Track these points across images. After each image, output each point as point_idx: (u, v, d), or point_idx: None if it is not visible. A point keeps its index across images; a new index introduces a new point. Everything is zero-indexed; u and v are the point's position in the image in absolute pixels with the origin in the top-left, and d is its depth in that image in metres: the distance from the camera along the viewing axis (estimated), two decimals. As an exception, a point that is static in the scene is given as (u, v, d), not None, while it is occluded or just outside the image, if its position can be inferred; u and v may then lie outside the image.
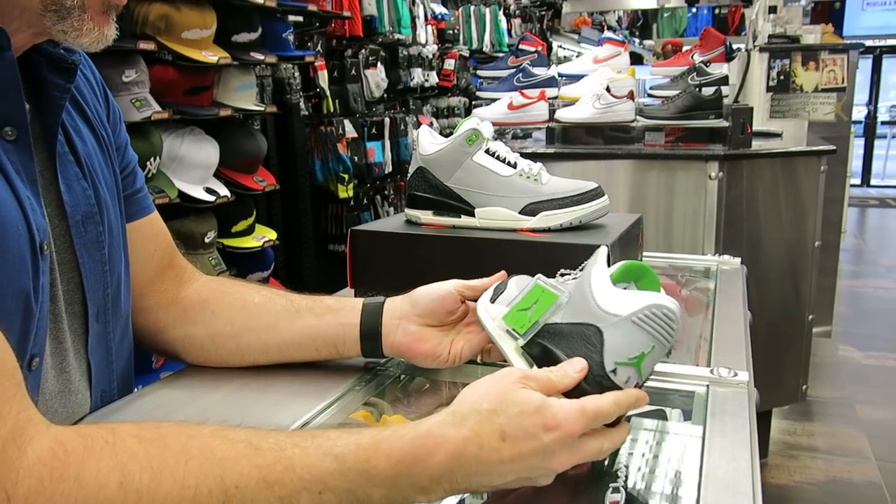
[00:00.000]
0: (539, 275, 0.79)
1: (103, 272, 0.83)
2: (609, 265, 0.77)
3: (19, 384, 0.56)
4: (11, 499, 0.51)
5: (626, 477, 0.80)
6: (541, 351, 0.74)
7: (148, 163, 2.28)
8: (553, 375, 0.68)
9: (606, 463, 0.83)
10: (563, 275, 0.80)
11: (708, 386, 0.88)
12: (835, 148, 2.69)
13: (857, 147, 9.24)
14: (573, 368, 0.68)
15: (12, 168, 0.70)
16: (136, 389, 0.93)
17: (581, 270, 0.78)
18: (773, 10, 3.66)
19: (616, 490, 0.78)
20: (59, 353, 0.79)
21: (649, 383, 0.93)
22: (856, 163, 9.88)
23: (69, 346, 0.80)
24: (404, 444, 0.60)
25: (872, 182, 11.02)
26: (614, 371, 0.68)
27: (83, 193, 0.81)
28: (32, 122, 0.76)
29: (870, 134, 11.20)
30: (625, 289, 0.74)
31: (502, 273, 0.88)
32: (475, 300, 0.86)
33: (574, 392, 0.68)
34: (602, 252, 0.77)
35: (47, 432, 0.55)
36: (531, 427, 0.61)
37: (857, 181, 10.65)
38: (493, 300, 0.82)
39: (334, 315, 0.91)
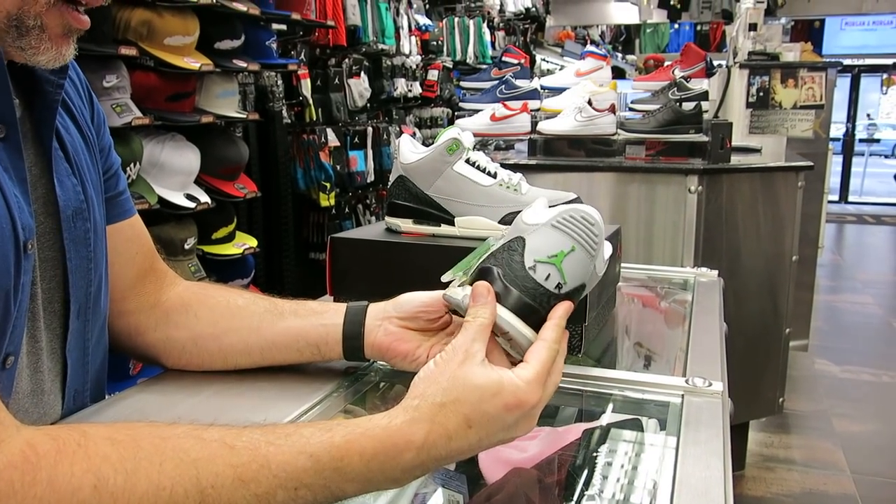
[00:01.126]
0: None
1: (88, 269, 0.83)
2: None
3: None
4: None
5: (602, 485, 0.80)
6: (478, 275, 0.76)
7: (128, 168, 2.26)
8: (479, 318, 0.69)
9: (584, 472, 0.83)
10: None
11: (683, 396, 0.89)
12: (812, 164, 2.72)
13: (835, 164, 9.36)
14: (481, 296, 0.71)
15: (1, 166, 0.69)
16: (107, 396, 0.92)
17: None
18: (753, 27, 3.71)
19: (591, 498, 0.79)
20: (34, 352, 0.78)
21: (626, 392, 0.94)
22: (834, 180, 10.00)
23: (44, 346, 0.80)
24: (375, 445, 0.61)
25: (850, 199, 11.16)
26: (533, 268, 0.72)
27: (73, 189, 0.81)
28: (23, 118, 0.76)
29: (848, 151, 11.36)
30: None
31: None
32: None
33: (505, 299, 0.71)
34: (542, 199, 0.80)
35: (18, 435, 0.54)
36: (494, 410, 0.63)
37: (835, 198, 10.78)
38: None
39: (318, 317, 0.91)
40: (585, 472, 0.84)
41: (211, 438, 0.59)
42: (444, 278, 0.82)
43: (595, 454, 0.87)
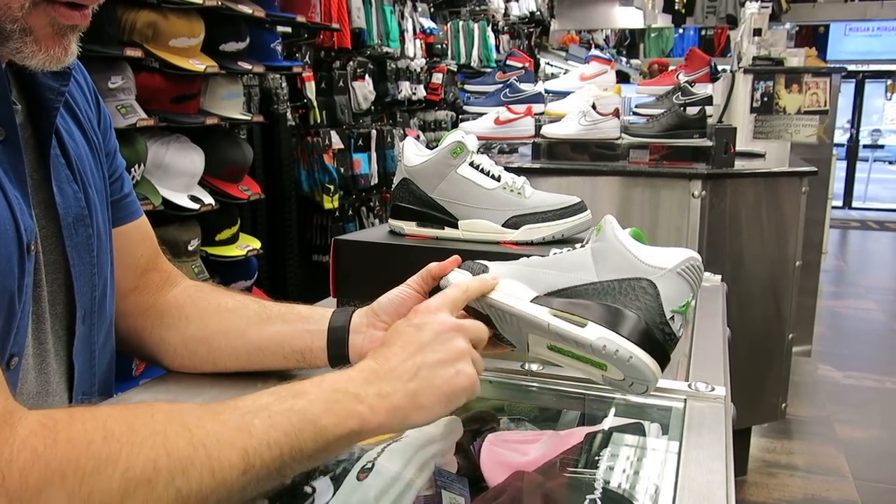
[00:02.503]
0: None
1: (92, 275, 0.83)
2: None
3: (2, 380, 0.58)
4: (6, 477, 0.52)
5: (604, 489, 0.80)
6: (586, 308, 0.77)
7: (132, 170, 2.27)
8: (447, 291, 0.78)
9: (584, 475, 0.83)
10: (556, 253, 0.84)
11: (685, 400, 0.89)
12: (816, 169, 2.72)
13: (839, 170, 9.35)
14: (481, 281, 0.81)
15: (1, 169, 0.70)
16: (114, 396, 0.92)
17: (583, 245, 0.83)
18: (758, 32, 3.71)
19: (593, 502, 0.79)
20: (41, 354, 0.79)
21: (628, 397, 0.94)
22: (838, 185, 10.00)
23: (50, 348, 0.80)
24: (324, 373, 0.70)
25: (854, 204, 11.15)
26: (672, 318, 0.74)
27: (74, 196, 0.81)
28: (24, 123, 0.76)
29: (852, 157, 11.34)
30: None
31: (455, 258, 0.89)
32: (434, 290, 0.87)
33: (647, 344, 0.73)
34: (611, 218, 0.83)
35: (31, 414, 0.58)
36: (399, 326, 0.74)
37: (839, 203, 10.76)
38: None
39: (304, 322, 0.91)
40: (586, 475, 0.83)
41: (188, 405, 0.65)
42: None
43: (597, 458, 0.87)
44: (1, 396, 0.56)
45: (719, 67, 3.44)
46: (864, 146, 12.76)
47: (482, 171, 1.14)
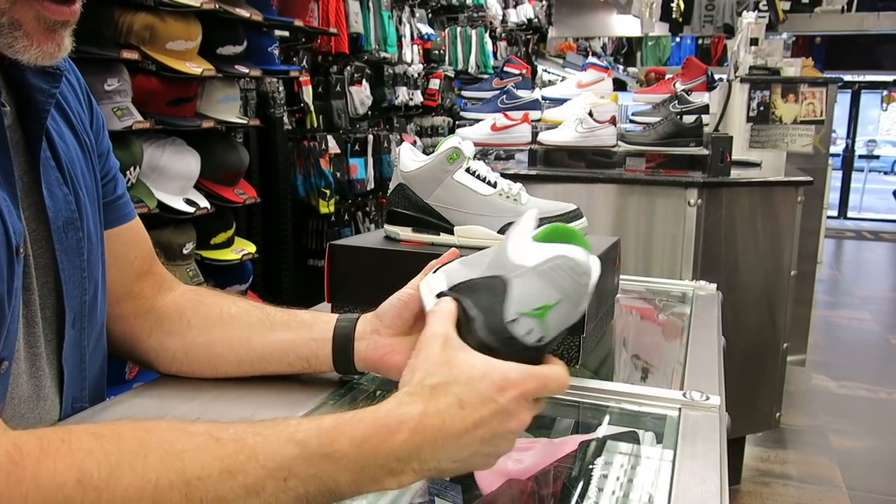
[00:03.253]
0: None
1: (82, 278, 0.83)
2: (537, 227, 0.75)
3: None
4: None
5: (598, 498, 0.80)
6: (461, 311, 0.71)
7: (128, 172, 2.26)
8: (443, 306, 0.70)
9: (580, 484, 0.83)
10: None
11: (680, 409, 0.88)
12: (812, 179, 2.73)
13: (834, 180, 9.38)
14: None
15: None
16: (107, 399, 0.92)
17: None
18: (754, 42, 3.72)
19: (587, 511, 0.78)
20: (32, 357, 0.78)
21: (623, 405, 0.93)
22: (833, 195, 10.02)
23: (42, 352, 0.79)
24: (366, 427, 0.59)
25: (849, 214, 11.18)
26: (515, 320, 0.66)
27: (64, 199, 0.81)
28: (13, 125, 0.75)
29: (847, 167, 11.39)
30: None
31: (453, 251, 0.87)
32: None
33: (474, 342, 0.66)
34: (531, 214, 0.75)
35: (4, 437, 0.54)
36: (485, 391, 0.62)
37: (834, 213, 10.80)
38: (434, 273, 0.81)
39: (308, 329, 0.89)
40: (581, 484, 0.83)
41: (197, 431, 0.58)
42: (431, 282, 0.80)
43: (591, 466, 0.86)
44: None
45: (716, 76, 3.45)
46: (860, 156, 12.80)
47: (478, 177, 1.14)
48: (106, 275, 0.90)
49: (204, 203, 2.60)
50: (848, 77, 10.66)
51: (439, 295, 0.74)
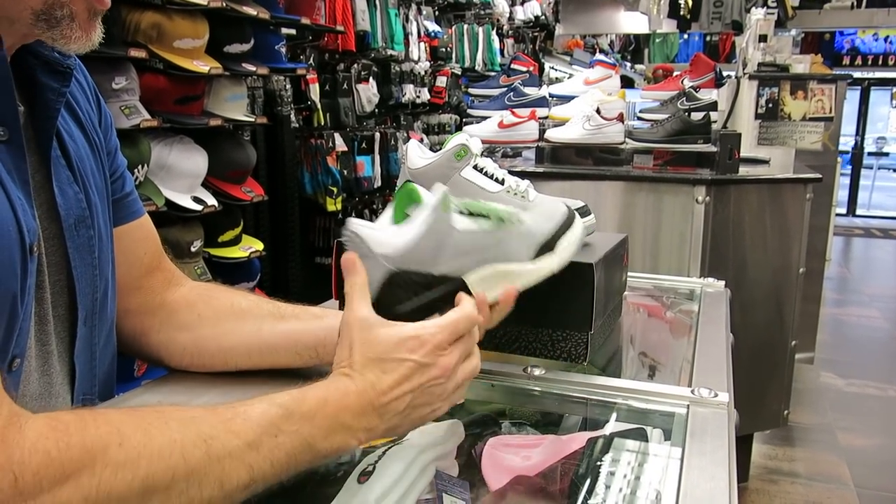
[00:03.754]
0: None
1: (94, 276, 0.83)
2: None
3: (3, 380, 0.58)
4: (18, 478, 0.52)
5: (605, 495, 0.80)
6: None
7: (136, 170, 2.27)
8: (355, 284, 0.76)
9: (587, 481, 0.83)
10: None
11: (688, 406, 0.88)
12: (821, 176, 2.72)
13: (843, 177, 9.34)
14: (349, 268, 0.78)
15: (4, 169, 0.70)
16: (116, 396, 0.92)
17: None
18: (763, 38, 3.71)
19: (594, 508, 0.78)
20: (43, 355, 0.79)
21: (631, 402, 0.93)
22: (842, 192, 9.98)
23: (53, 349, 0.80)
24: (323, 392, 0.69)
25: (858, 212, 11.13)
26: None
27: (75, 197, 0.81)
28: (26, 124, 0.76)
29: (856, 164, 11.33)
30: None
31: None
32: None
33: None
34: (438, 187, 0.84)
35: (36, 416, 0.57)
36: (401, 355, 0.71)
37: (843, 211, 10.75)
38: None
39: (318, 320, 0.92)
40: (589, 481, 0.83)
41: (195, 408, 0.66)
42: None
43: (599, 463, 0.86)
44: (6, 399, 0.56)
45: (724, 73, 3.44)
46: (869, 153, 12.73)
47: (486, 174, 1.14)
48: (115, 272, 0.90)
49: (211, 201, 2.61)
50: (857, 74, 10.61)
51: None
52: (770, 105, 3.41)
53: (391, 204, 0.85)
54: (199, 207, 2.53)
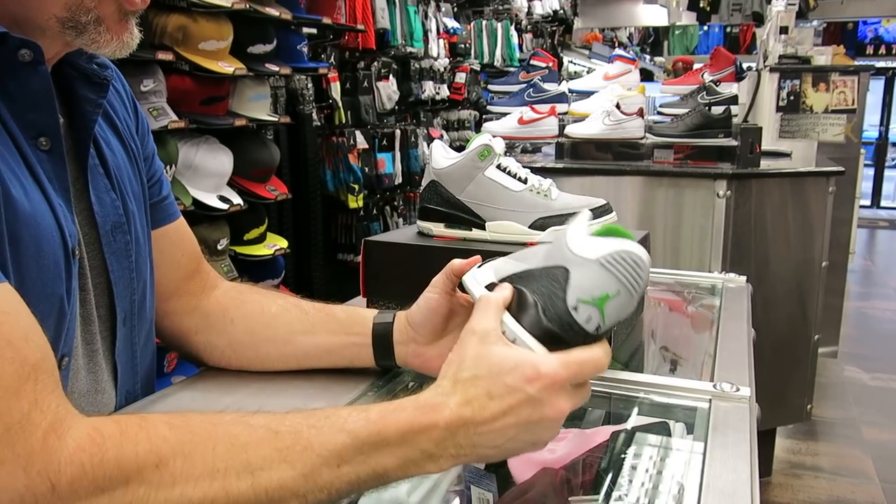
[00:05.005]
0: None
1: (131, 279, 0.86)
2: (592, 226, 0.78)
3: (58, 382, 0.60)
4: (56, 486, 0.54)
5: (628, 488, 0.82)
6: (516, 297, 0.73)
7: (165, 171, 2.31)
8: (492, 299, 0.71)
9: (611, 474, 0.85)
10: None
11: (711, 400, 0.90)
12: (843, 169, 2.70)
13: (867, 168, 9.22)
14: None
15: (46, 177, 0.72)
16: (154, 393, 0.95)
17: None
18: (784, 30, 3.68)
19: (619, 499, 0.80)
20: (89, 353, 0.82)
21: (654, 396, 0.95)
22: (866, 184, 9.86)
23: (98, 348, 0.83)
24: (408, 416, 0.64)
25: (883, 203, 10.99)
26: (576, 308, 0.68)
27: (112, 204, 0.84)
28: (65, 134, 0.79)
29: (881, 155, 11.19)
30: None
31: (476, 258, 0.87)
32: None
33: (537, 330, 0.68)
34: (584, 213, 0.78)
35: (84, 421, 0.58)
36: (513, 382, 0.64)
37: (868, 202, 10.62)
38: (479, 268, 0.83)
39: (347, 333, 0.93)
40: (612, 474, 0.85)
41: (257, 424, 0.63)
42: (475, 274, 0.81)
43: (622, 456, 0.88)
44: (54, 402, 0.58)
45: (745, 65, 3.42)
46: (894, 144, 12.56)
47: (509, 173, 1.16)
48: (154, 274, 0.93)
49: (237, 200, 2.65)
50: (881, 64, 10.48)
51: (489, 286, 0.77)
52: (791, 98, 3.40)
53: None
54: (225, 206, 2.57)
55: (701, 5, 6.89)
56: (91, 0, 0.71)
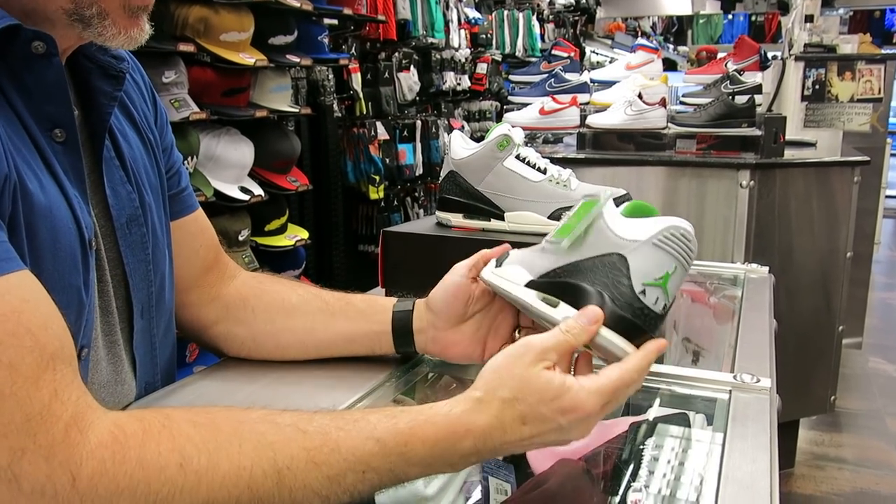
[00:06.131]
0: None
1: (147, 271, 0.87)
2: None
3: (76, 371, 0.60)
4: (76, 479, 0.54)
5: (648, 479, 0.82)
6: (563, 289, 0.74)
7: (186, 162, 2.33)
8: (570, 336, 0.69)
9: (630, 465, 0.84)
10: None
11: (730, 391, 0.89)
12: (868, 159, 2.67)
13: (894, 157, 9.07)
14: (588, 321, 0.70)
15: (61, 168, 0.73)
16: (175, 383, 0.96)
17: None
18: (809, 19, 3.63)
19: (638, 490, 0.80)
20: (109, 345, 0.83)
21: (674, 387, 0.95)
22: (892, 174, 9.71)
23: (118, 338, 0.84)
24: (438, 431, 0.64)
25: (909, 193, 10.82)
26: (643, 292, 0.70)
27: (128, 197, 0.84)
28: (81, 126, 0.79)
29: (907, 145, 11.01)
30: None
31: (506, 245, 0.89)
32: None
33: (612, 322, 0.69)
34: (606, 195, 0.78)
35: (106, 417, 0.59)
36: (550, 413, 0.65)
37: (894, 193, 10.46)
38: (498, 265, 0.84)
39: (367, 321, 0.94)
40: (632, 465, 0.85)
41: (285, 423, 0.63)
42: (505, 273, 0.81)
43: (642, 447, 0.88)
44: (74, 393, 0.58)
45: (770, 54, 3.38)
46: (921, 133, 12.37)
47: (528, 163, 1.16)
48: (173, 265, 0.94)
49: (258, 191, 2.67)
50: (909, 51, 10.31)
51: (531, 285, 0.77)
52: (817, 87, 3.35)
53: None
54: (246, 197, 2.59)
55: (725, -7, 6.82)
56: None
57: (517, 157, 1.15)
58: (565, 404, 0.65)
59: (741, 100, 2.68)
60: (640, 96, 2.65)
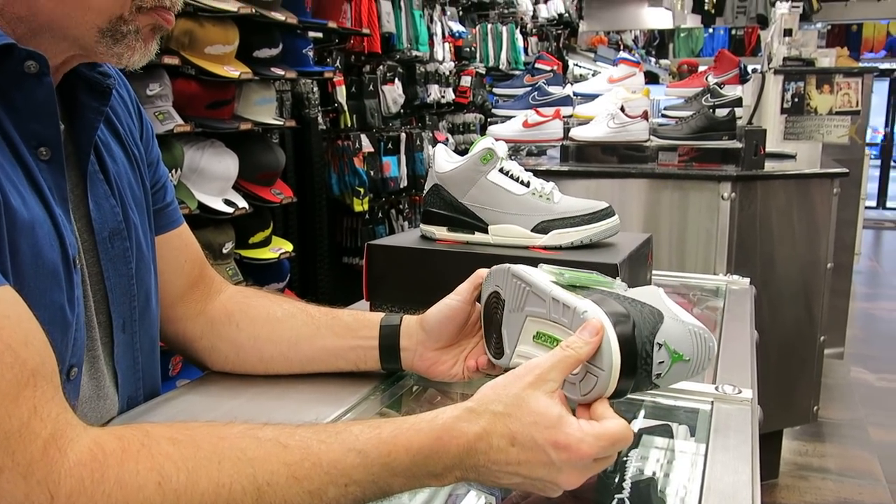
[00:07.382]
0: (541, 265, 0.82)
1: (129, 286, 0.87)
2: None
3: (57, 388, 0.59)
4: (55, 498, 0.54)
5: (631, 489, 0.82)
6: (608, 308, 0.73)
7: (170, 175, 2.32)
8: (571, 351, 0.67)
9: (616, 478, 0.85)
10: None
11: (713, 402, 0.90)
12: (847, 171, 2.70)
13: (873, 169, 9.19)
14: (589, 334, 0.68)
15: (46, 186, 0.73)
16: (158, 397, 0.96)
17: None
18: (788, 33, 3.68)
19: (621, 501, 0.81)
20: (91, 360, 0.82)
21: (657, 399, 0.95)
22: (871, 185, 9.83)
23: (99, 354, 0.84)
24: (422, 439, 0.64)
25: (888, 204, 10.96)
26: (660, 346, 0.70)
27: (111, 211, 0.84)
28: (66, 140, 0.79)
29: (886, 156, 11.16)
30: None
31: (482, 271, 0.89)
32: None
33: (621, 342, 0.69)
34: (657, 290, 0.80)
35: (85, 434, 0.58)
36: (541, 440, 0.63)
37: (873, 203, 10.59)
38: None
39: (353, 336, 0.94)
40: (616, 476, 0.85)
41: (265, 438, 0.62)
42: (544, 269, 0.82)
43: (625, 459, 0.88)
44: (54, 410, 0.57)
45: (749, 68, 3.43)
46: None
47: (512, 177, 1.17)
48: (158, 280, 0.94)
49: (242, 203, 2.66)
50: (885, 65, 10.46)
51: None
52: (796, 100, 3.39)
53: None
54: (230, 210, 2.58)
55: (706, 8, 6.90)
56: (129, 14, 0.73)
57: (501, 170, 1.16)
58: (560, 438, 0.62)
59: (722, 112, 2.72)
60: (622, 109, 2.68)
